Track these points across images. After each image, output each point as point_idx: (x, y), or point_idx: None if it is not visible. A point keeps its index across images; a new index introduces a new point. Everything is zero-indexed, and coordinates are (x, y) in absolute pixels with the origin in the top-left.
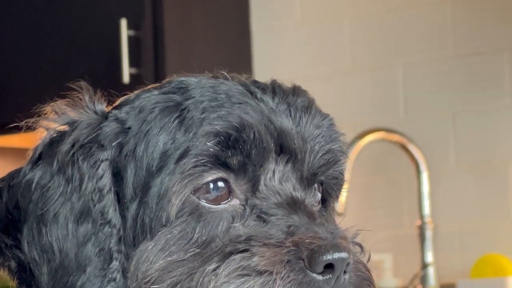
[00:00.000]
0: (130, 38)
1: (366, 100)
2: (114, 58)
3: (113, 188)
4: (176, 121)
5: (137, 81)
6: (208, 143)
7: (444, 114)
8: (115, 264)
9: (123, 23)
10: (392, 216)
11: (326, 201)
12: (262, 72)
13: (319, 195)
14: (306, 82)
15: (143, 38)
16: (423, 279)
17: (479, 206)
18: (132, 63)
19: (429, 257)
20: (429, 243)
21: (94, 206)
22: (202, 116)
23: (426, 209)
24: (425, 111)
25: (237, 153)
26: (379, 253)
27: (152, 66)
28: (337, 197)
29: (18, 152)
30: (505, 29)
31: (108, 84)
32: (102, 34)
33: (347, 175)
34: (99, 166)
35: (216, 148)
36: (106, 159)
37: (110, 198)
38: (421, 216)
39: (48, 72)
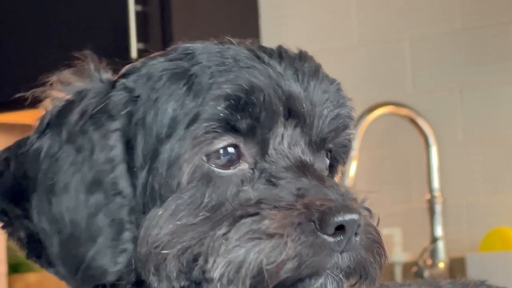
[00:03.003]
0: (137, 13)
1: (374, 75)
2: (121, 33)
3: (124, 159)
4: (185, 87)
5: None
6: (219, 107)
7: (451, 87)
8: (126, 234)
9: None
10: (401, 190)
11: (333, 167)
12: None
13: (327, 161)
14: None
15: (151, 13)
16: (433, 253)
17: (488, 179)
18: (139, 38)
19: (439, 231)
20: (438, 217)
21: (106, 176)
22: (211, 81)
23: (435, 183)
24: (433, 84)
25: (246, 116)
26: (389, 227)
27: (160, 41)
28: (345, 163)
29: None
30: None
31: (116, 60)
32: (110, 9)
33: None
34: (110, 136)
35: (226, 112)
36: (117, 129)
37: (121, 168)
38: (430, 190)
39: (55, 48)
